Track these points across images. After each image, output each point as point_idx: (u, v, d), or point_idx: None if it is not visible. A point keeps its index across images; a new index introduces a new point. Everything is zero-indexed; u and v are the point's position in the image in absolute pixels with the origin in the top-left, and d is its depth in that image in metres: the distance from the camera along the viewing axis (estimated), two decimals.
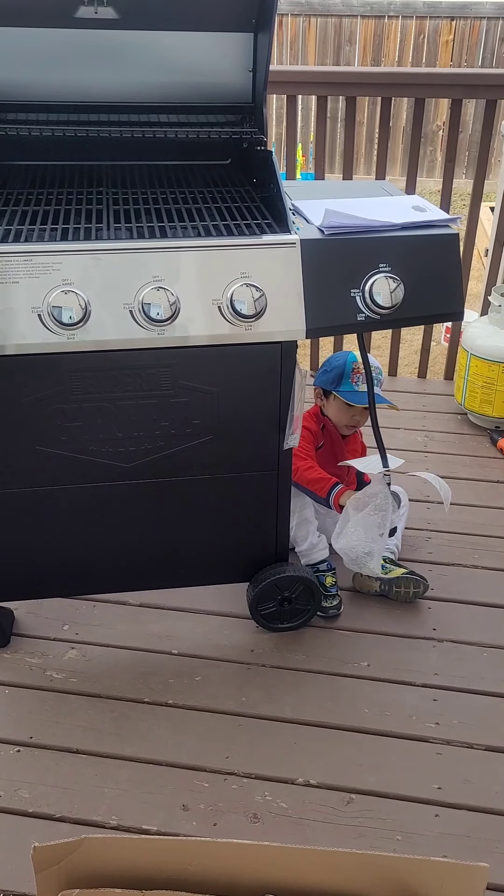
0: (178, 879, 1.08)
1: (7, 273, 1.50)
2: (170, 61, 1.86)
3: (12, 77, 1.83)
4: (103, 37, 1.79)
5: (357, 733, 1.80)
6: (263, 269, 1.58)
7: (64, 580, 1.93)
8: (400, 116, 7.39)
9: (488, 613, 2.15)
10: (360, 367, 2.15)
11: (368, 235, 1.65)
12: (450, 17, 7.33)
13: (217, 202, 1.83)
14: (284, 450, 1.81)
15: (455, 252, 1.70)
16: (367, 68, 6.89)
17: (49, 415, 1.67)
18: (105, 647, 2.01)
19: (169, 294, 1.53)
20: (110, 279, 1.53)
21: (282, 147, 3.20)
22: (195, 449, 1.77)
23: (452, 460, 2.85)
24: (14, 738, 1.77)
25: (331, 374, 2.21)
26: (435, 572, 2.27)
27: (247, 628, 2.07)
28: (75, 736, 1.78)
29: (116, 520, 1.84)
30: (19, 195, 1.80)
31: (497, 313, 3.00)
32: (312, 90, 3.15)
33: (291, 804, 1.64)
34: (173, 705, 1.86)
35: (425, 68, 7.27)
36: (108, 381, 1.65)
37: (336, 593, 2.14)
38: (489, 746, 1.77)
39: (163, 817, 1.61)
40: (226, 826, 1.60)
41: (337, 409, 2.23)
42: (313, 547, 2.19)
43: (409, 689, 1.91)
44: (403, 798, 1.66)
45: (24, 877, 1.41)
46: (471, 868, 1.06)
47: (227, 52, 1.86)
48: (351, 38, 7.55)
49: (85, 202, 1.79)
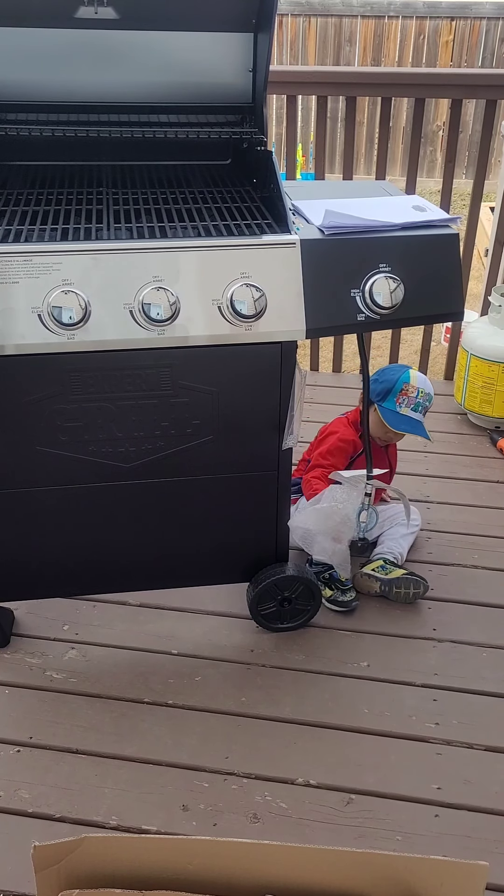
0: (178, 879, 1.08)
1: (7, 273, 1.50)
2: (170, 61, 1.86)
3: (12, 77, 1.84)
4: (103, 37, 1.79)
5: (357, 733, 1.80)
6: (263, 269, 1.58)
7: (64, 580, 1.93)
8: (400, 116, 7.39)
9: (488, 613, 2.15)
10: (411, 391, 2.14)
11: (368, 235, 1.65)
12: (450, 17, 7.33)
13: (217, 202, 1.83)
14: (283, 450, 1.81)
15: (455, 252, 1.70)
16: (367, 68, 6.90)
17: (49, 415, 1.67)
18: (105, 647, 2.01)
19: (169, 294, 1.53)
20: (110, 279, 1.53)
21: (282, 147, 3.20)
22: (195, 449, 1.77)
23: (452, 460, 2.85)
24: (14, 738, 1.77)
25: (380, 386, 2.18)
26: (435, 572, 2.27)
27: (247, 628, 2.07)
28: (75, 736, 1.78)
29: (116, 520, 1.84)
30: (19, 195, 1.80)
31: (497, 313, 3.00)
32: (312, 90, 3.15)
33: (291, 804, 1.64)
34: (173, 705, 1.86)
35: (425, 68, 7.27)
36: (108, 381, 1.65)
37: (351, 587, 2.14)
38: (489, 746, 1.77)
39: (163, 817, 1.61)
40: (226, 826, 1.60)
41: (375, 422, 2.20)
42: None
43: (409, 689, 1.91)
44: (403, 798, 1.66)
45: (24, 877, 1.41)
46: (470, 867, 1.06)
47: (227, 52, 1.86)
48: (351, 38, 7.55)
49: (85, 202, 1.79)
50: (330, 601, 2.13)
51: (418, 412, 2.17)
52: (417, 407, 2.16)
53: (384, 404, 2.17)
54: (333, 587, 2.14)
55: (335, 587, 2.13)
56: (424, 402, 2.17)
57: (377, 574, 2.16)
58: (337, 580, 2.14)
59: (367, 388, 1.98)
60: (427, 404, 2.19)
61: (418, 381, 2.19)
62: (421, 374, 2.25)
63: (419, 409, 2.17)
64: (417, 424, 2.18)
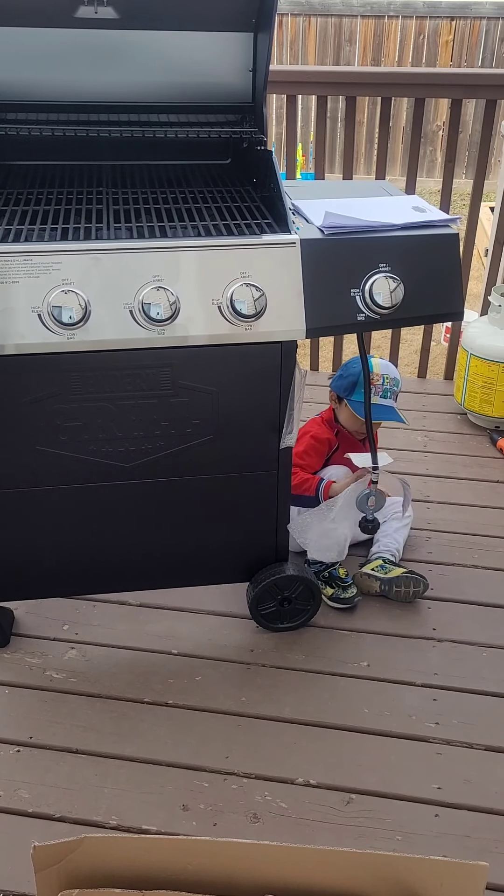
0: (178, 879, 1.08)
1: (7, 273, 1.50)
2: (170, 61, 1.86)
3: (12, 77, 1.84)
4: (103, 37, 1.79)
5: (357, 733, 1.80)
6: (263, 268, 1.58)
7: (64, 580, 1.93)
8: (400, 116, 7.39)
9: (488, 613, 2.15)
10: (375, 379, 2.14)
11: (368, 235, 1.65)
12: (450, 17, 7.33)
13: (217, 202, 1.83)
14: (282, 448, 1.81)
15: (455, 252, 1.70)
16: (367, 68, 6.89)
17: (49, 415, 1.67)
18: (105, 647, 2.01)
19: (169, 294, 1.53)
20: (110, 279, 1.53)
21: (282, 147, 3.20)
22: (195, 449, 1.77)
23: (452, 460, 2.85)
24: (14, 738, 1.77)
25: (346, 381, 2.19)
26: (435, 572, 2.27)
27: (247, 628, 2.07)
28: (75, 736, 1.78)
29: (116, 520, 1.84)
30: (19, 195, 1.80)
31: (497, 313, 3.00)
32: (312, 90, 3.15)
33: (291, 804, 1.64)
34: (173, 705, 1.86)
35: (425, 68, 7.27)
36: (108, 381, 1.65)
37: (352, 583, 2.15)
38: (489, 746, 1.77)
39: (163, 817, 1.61)
40: (226, 826, 1.60)
41: (348, 416, 2.21)
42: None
43: (409, 688, 1.91)
44: (403, 798, 1.66)
45: (24, 877, 1.41)
46: (470, 867, 1.06)
47: (227, 52, 1.86)
48: (351, 38, 7.55)
49: (85, 202, 1.79)
50: (332, 599, 2.13)
51: (388, 398, 2.16)
52: (386, 393, 2.15)
53: (353, 398, 2.17)
54: (334, 585, 2.14)
55: (336, 585, 2.14)
56: (392, 387, 2.17)
57: (377, 573, 2.17)
58: (337, 577, 2.14)
59: (367, 388, 1.98)
60: (395, 388, 2.19)
61: (381, 367, 2.18)
62: (383, 361, 2.25)
63: (388, 395, 2.16)
64: (390, 410, 2.17)
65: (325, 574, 2.16)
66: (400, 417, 2.20)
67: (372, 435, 1.98)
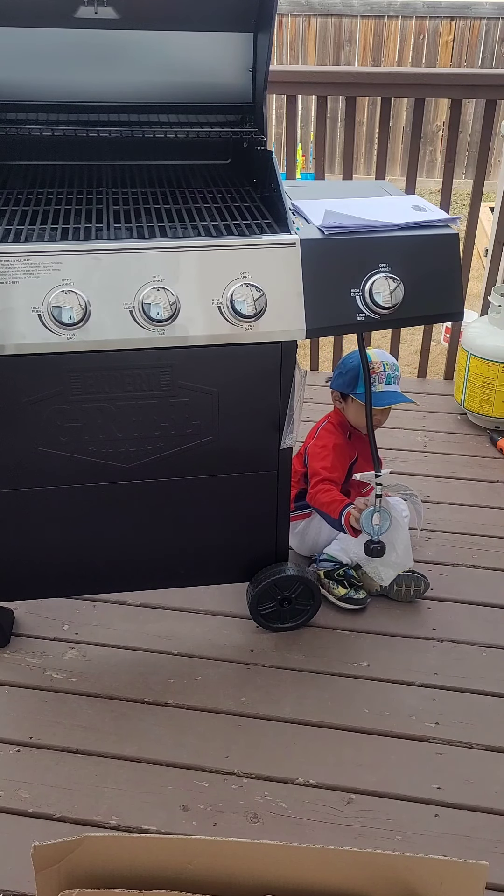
0: (178, 879, 1.08)
1: (7, 273, 1.50)
2: (170, 61, 1.86)
3: (12, 77, 1.84)
4: (103, 37, 1.79)
5: (357, 733, 1.80)
6: (263, 269, 1.58)
7: (64, 580, 1.93)
8: (400, 116, 7.39)
9: (488, 613, 2.15)
10: (376, 367, 2.13)
11: (368, 235, 1.65)
12: (450, 17, 7.34)
13: (217, 202, 1.83)
14: (282, 449, 1.81)
15: (455, 252, 1.70)
16: (367, 68, 6.90)
17: (49, 415, 1.67)
18: (105, 647, 2.01)
19: (169, 294, 1.53)
20: (110, 279, 1.53)
21: (282, 147, 3.20)
22: (195, 449, 1.77)
23: (452, 460, 2.85)
24: (14, 738, 1.77)
25: (347, 377, 2.17)
26: (435, 572, 2.27)
27: (247, 628, 2.07)
28: (75, 736, 1.78)
29: (116, 520, 1.84)
30: (19, 195, 1.80)
31: (497, 313, 3.00)
32: (312, 90, 3.15)
33: (291, 804, 1.64)
34: (173, 705, 1.86)
35: (425, 68, 7.27)
36: (108, 381, 1.65)
37: (362, 584, 2.15)
38: (489, 746, 1.77)
39: (163, 817, 1.61)
40: (225, 826, 1.60)
41: (357, 412, 2.19)
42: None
43: (409, 689, 1.91)
44: (403, 798, 1.66)
45: (24, 877, 1.41)
46: (470, 866, 1.06)
47: (227, 52, 1.86)
48: (351, 38, 7.55)
49: (85, 202, 1.79)
50: (343, 599, 2.12)
51: (392, 384, 2.17)
52: (390, 379, 2.15)
53: (359, 391, 2.15)
54: (347, 585, 2.13)
55: (349, 584, 2.13)
56: (393, 371, 2.17)
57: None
58: (352, 577, 2.13)
59: (368, 387, 1.97)
60: (397, 373, 2.19)
61: (378, 356, 2.18)
62: (377, 350, 2.26)
63: (392, 380, 2.16)
64: (396, 394, 2.17)
65: (339, 573, 2.15)
66: (407, 398, 2.20)
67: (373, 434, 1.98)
